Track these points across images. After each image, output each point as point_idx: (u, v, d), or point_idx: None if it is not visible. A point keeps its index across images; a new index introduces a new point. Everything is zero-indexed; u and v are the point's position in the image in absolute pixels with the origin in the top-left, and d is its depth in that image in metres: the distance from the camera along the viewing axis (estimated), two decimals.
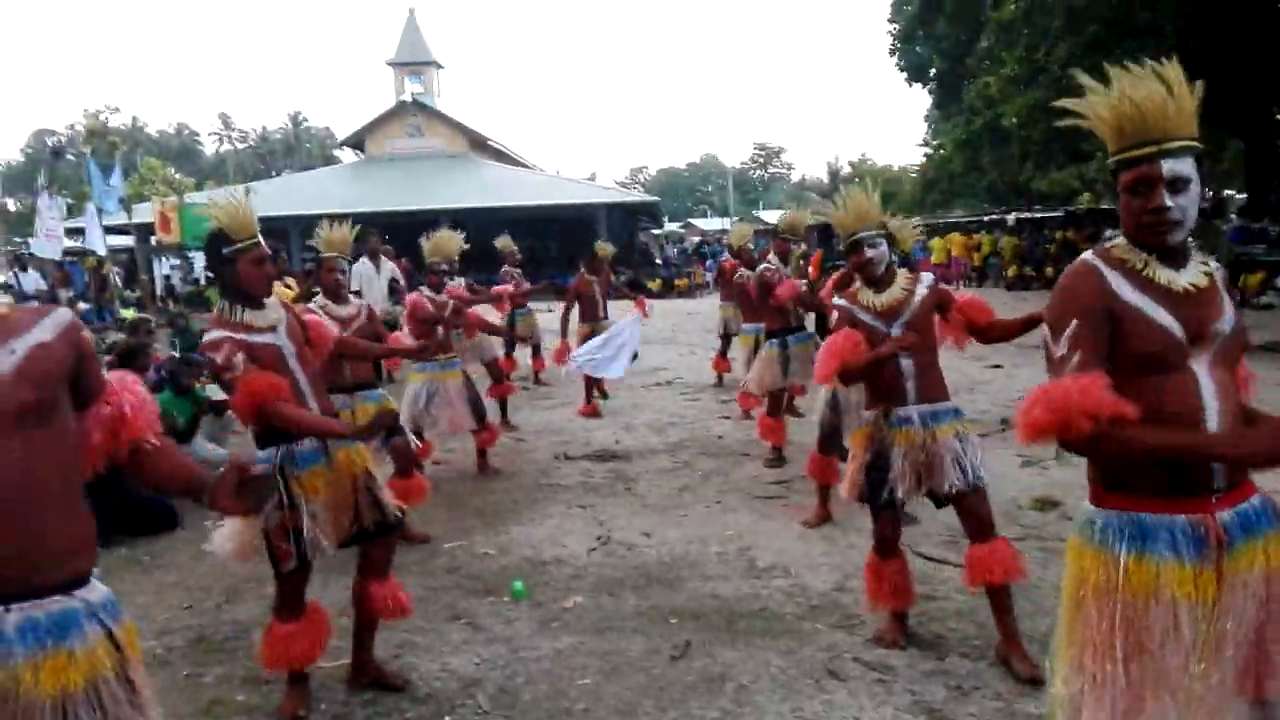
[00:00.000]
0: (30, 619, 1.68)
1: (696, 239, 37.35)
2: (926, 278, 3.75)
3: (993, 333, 3.69)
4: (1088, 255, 2.03)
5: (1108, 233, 18.46)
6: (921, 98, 40.68)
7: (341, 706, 3.34)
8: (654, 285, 25.44)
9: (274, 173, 46.63)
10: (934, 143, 30.67)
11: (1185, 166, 1.89)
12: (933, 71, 28.01)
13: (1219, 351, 1.95)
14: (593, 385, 9.23)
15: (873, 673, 3.44)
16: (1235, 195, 24.42)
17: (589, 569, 4.73)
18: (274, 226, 16.26)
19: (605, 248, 9.61)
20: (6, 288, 15.54)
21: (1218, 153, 22.73)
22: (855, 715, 3.14)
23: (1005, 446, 6.80)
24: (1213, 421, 1.89)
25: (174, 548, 5.30)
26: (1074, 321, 1.92)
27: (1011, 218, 25.87)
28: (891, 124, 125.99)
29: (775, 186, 76.86)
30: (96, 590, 1.80)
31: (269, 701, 3.38)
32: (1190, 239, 1.99)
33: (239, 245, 3.12)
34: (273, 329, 3.19)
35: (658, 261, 30.25)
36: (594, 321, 9.04)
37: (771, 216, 42.08)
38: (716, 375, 10.33)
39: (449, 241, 6.65)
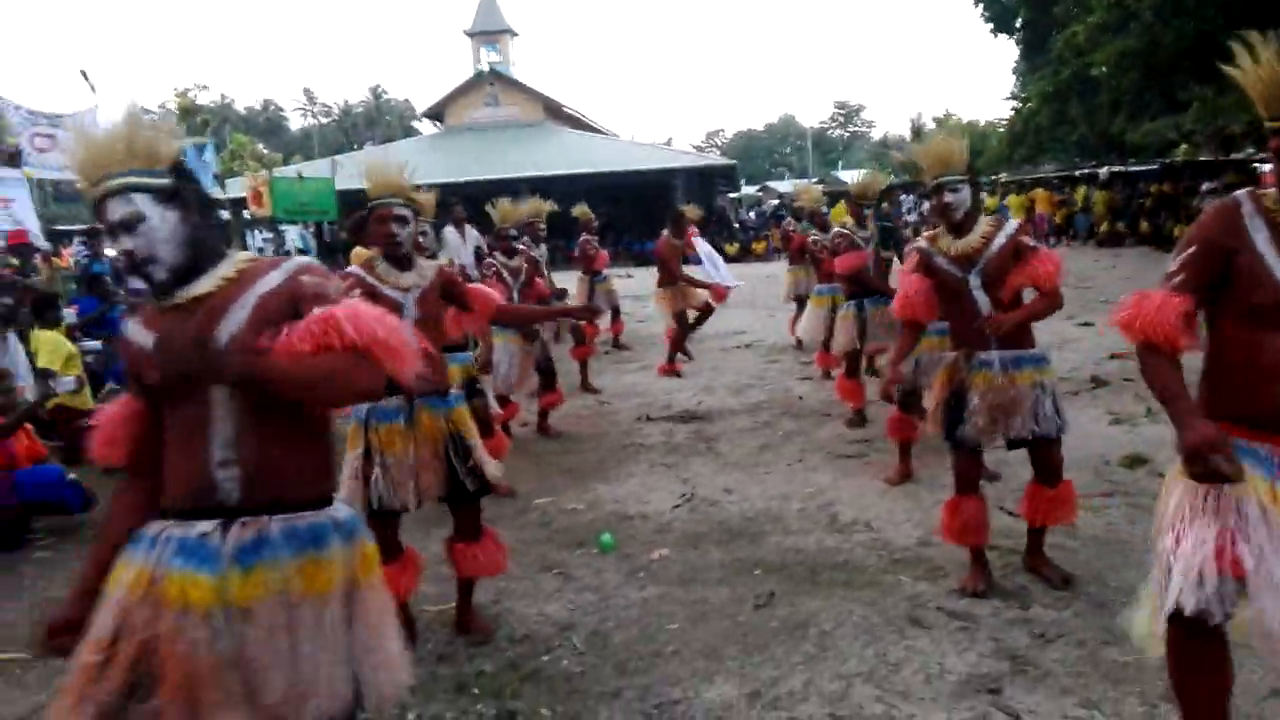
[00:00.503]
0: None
1: (774, 201, 36.97)
2: (1010, 225, 3.75)
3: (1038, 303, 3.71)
4: (1239, 193, 2.13)
5: (1204, 185, 17.72)
6: (1008, 49, 39.27)
7: (446, 646, 3.56)
8: (731, 249, 25.35)
9: (356, 145, 47.64)
10: (1020, 95, 29.64)
11: None
12: (1019, 21, 27.01)
13: None
14: (676, 346, 9.38)
15: (956, 621, 3.51)
16: None
17: (673, 524, 4.88)
18: (360, 199, 16.65)
19: (692, 210, 9.54)
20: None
21: None
22: (938, 661, 3.22)
23: (1095, 404, 6.72)
24: None
25: None
26: (1192, 247, 2.11)
27: (1104, 171, 24.94)
28: (977, 78, 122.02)
29: (856, 145, 75.34)
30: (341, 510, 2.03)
31: None
32: None
33: (372, 202, 3.47)
34: (405, 290, 3.49)
35: (735, 225, 30.11)
36: (672, 285, 9.00)
37: (851, 177, 41.34)
38: (796, 338, 10.35)
39: (517, 209, 6.80)
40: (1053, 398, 3.65)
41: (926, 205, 6.93)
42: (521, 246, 6.74)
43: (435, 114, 35.82)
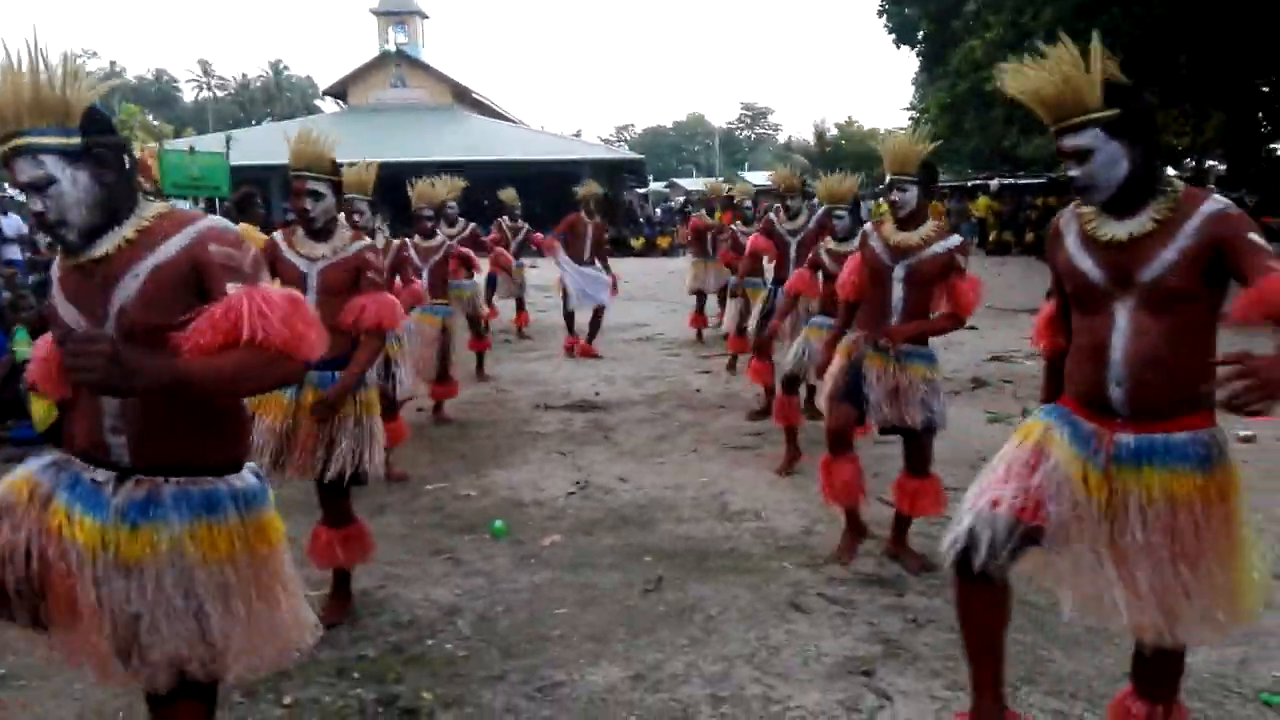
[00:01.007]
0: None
1: (681, 198, 37.26)
2: (954, 239, 3.91)
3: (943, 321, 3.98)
4: (1064, 210, 2.40)
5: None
6: (909, 61, 40.55)
7: (327, 630, 3.48)
8: (637, 243, 25.45)
9: (254, 121, 46.01)
10: (919, 106, 30.61)
11: (1084, 139, 2.13)
12: (920, 34, 27.89)
13: (1144, 297, 2.15)
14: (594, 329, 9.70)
15: (834, 606, 3.62)
16: (1217, 165, 24.66)
17: (567, 510, 4.89)
18: (254, 176, 16.14)
19: (591, 186, 9.74)
20: None
21: (1201, 124, 22.87)
22: (816, 644, 3.32)
23: (973, 404, 7.02)
24: (1117, 354, 2.18)
25: None
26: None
27: (995, 183, 25.97)
28: (878, 87, 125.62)
29: (762, 147, 76.52)
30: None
31: None
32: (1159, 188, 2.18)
33: (291, 172, 3.43)
34: (313, 260, 3.47)
35: (641, 220, 30.22)
36: (577, 260, 9.30)
37: (757, 177, 41.97)
38: (696, 331, 10.49)
39: (435, 189, 6.71)
40: (937, 394, 3.85)
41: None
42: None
43: (338, 93, 34.90)
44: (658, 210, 34.50)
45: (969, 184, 28.06)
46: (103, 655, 1.87)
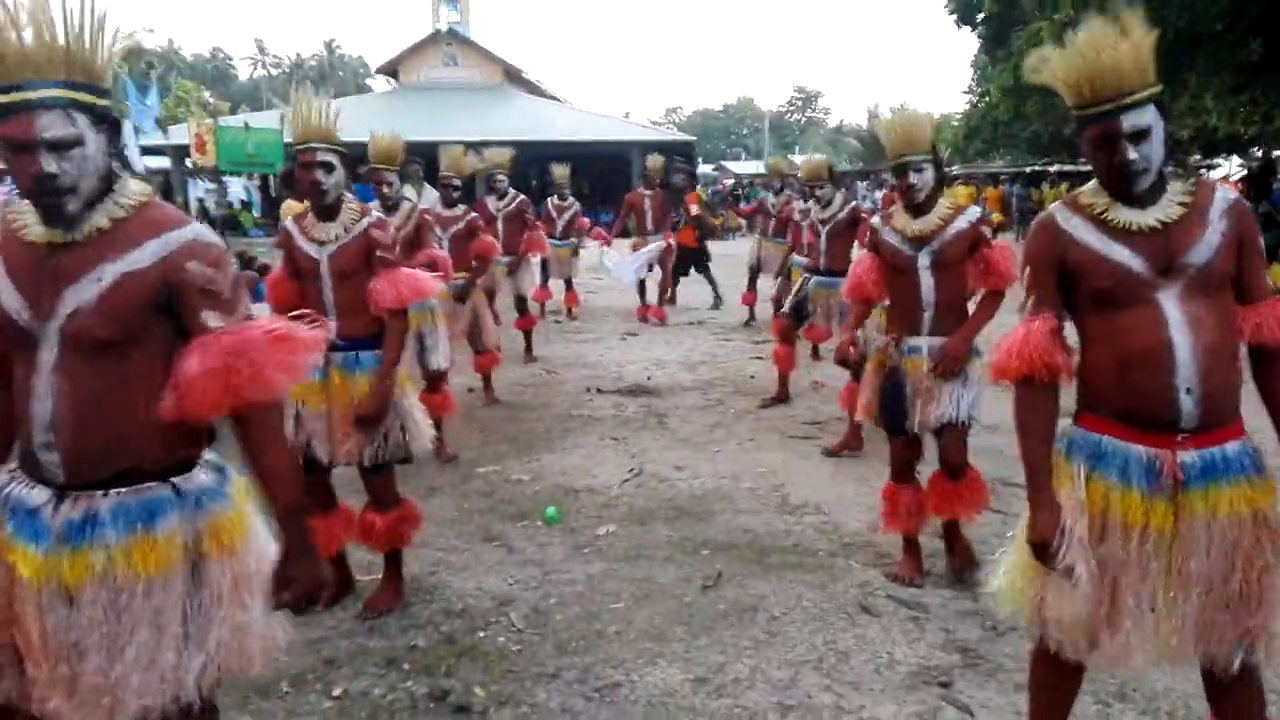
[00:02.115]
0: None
1: (730, 181, 36.86)
2: (972, 211, 3.66)
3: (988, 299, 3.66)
4: (1053, 205, 2.14)
5: None
6: (967, 43, 39.52)
7: (376, 618, 3.38)
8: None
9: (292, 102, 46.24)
10: (979, 89, 29.87)
11: (1145, 117, 1.92)
12: (982, 15, 27.16)
13: (1194, 284, 1.94)
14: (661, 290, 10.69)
15: (906, 609, 3.43)
16: None
17: (621, 499, 4.74)
18: None
19: (656, 159, 10.46)
20: None
21: (1270, 112, 21.99)
22: (888, 650, 3.13)
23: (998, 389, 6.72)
24: (1183, 353, 1.92)
25: None
26: (1028, 269, 2.11)
27: (1054, 169, 25.28)
28: (936, 70, 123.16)
29: (811, 131, 75.53)
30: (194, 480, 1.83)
31: None
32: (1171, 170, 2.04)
33: (297, 146, 3.27)
34: (322, 244, 3.32)
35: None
36: (642, 236, 10.07)
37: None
38: (748, 310, 10.28)
39: (463, 157, 6.50)
40: (972, 386, 3.57)
41: (879, 192, 6.92)
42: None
43: (390, 71, 34.92)
44: (708, 193, 34.19)
45: (1028, 169, 27.38)
46: (64, 692, 1.70)
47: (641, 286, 10.43)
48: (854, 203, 6.26)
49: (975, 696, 2.84)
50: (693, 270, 11.48)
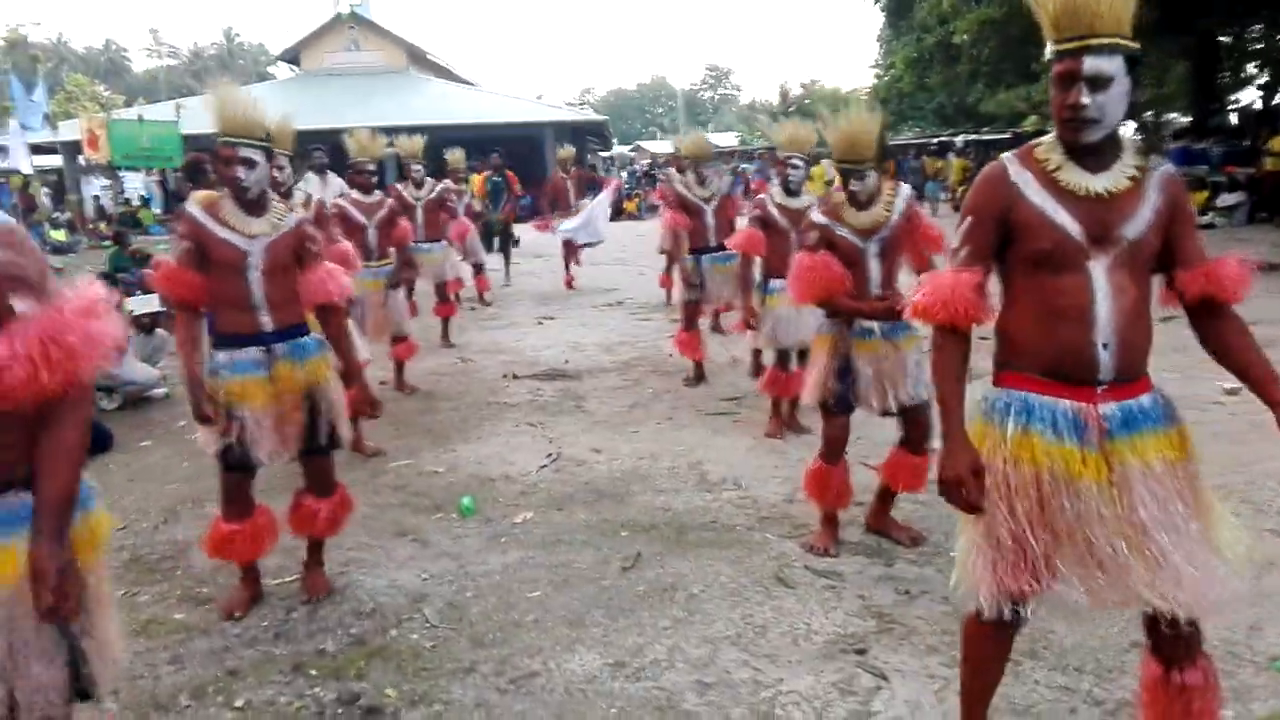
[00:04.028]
0: None
1: (646, 161, 36.79)
2: (904, 190, 3.73)
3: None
4: (1004, 156, 2.11)
5: None
6: (874, 18, 40.10)
7: (282, 623, 3.26)
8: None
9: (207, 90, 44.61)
10: (884, 63, 30.34)
11: (1109, 65, 1.90)
12: None
13: (1123, 255, 1.97)
14: (569, 259, 11.48)
15: (822, 579, 3.45)
16: (1178, 118, 24.69)
17: (538, 485, 4.67)
18: (208, 144, 15.58)
19: (567, 150, 12.08)
20: None
21: (1162, 76, 22.84)
22: (805, 620, 3.15)
23: None
24: (1103, 313, 1.95)
25: (107, 470, 5.12)
26: (969, 219, 2.08)
27: (960, 139, 25.87)
28: (844, 46, 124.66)
29: (724, 108, 75.87)
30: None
31: (206, 620, 3.29)
32: (1133, 138, 2.06)
33: (219, 140, 3.14)
34: (252, 238, 3.18)
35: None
36: (569, 211, 11.14)
37: (721, 139, 41.57)
38: (666, 293, 10.27)
39: (375, 141, 6.29)
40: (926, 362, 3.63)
41: (774, 171, 6.95)
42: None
43: (291, 58, 33.89)
44: (624, 173, 34.07)
45: (934, 141, 27.94)
46: None
47: (567, 255, 11.43)
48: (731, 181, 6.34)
49: (889, 661, 2.86)
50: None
